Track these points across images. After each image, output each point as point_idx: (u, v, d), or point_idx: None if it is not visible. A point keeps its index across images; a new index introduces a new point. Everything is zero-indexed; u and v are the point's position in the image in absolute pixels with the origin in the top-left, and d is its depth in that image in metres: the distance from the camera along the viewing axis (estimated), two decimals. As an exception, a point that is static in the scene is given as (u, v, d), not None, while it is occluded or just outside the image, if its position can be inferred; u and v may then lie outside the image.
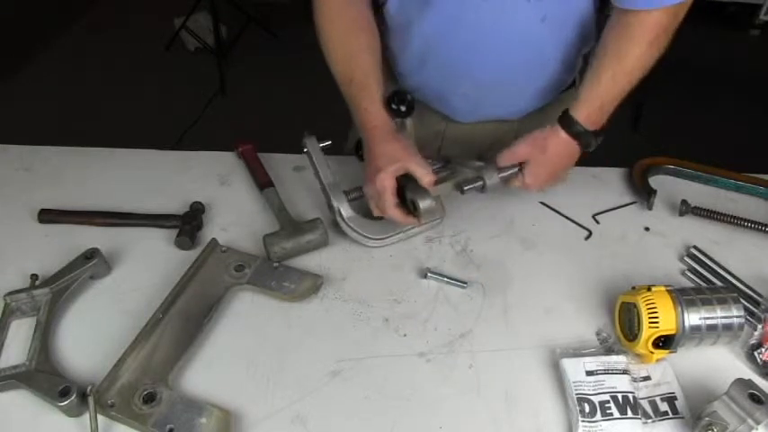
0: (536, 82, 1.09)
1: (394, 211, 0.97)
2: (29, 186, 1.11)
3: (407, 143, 0.99)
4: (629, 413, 0.78)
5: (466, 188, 1.00)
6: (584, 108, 0.96)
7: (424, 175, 0.95)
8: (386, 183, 0.95)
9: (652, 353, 0.83)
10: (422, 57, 1.07)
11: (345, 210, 1.02)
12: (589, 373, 0.82)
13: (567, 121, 0.97)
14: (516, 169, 1.01)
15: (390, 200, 0.96)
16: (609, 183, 1.18)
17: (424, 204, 0.96)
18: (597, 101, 0.95)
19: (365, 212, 1.03)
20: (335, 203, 1.02)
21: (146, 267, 0.97)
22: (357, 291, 0.96)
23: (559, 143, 0.98)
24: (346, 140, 1.28)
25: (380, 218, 1.02)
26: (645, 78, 0.95)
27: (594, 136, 0.97)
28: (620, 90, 0.94)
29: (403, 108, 1.03)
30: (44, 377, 0.79)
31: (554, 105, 1.12)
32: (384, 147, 0.97)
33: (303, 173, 1.16)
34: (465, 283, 0.97)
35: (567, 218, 1.10)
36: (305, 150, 1.07)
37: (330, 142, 1.09)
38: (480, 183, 1.00)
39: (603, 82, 0.94)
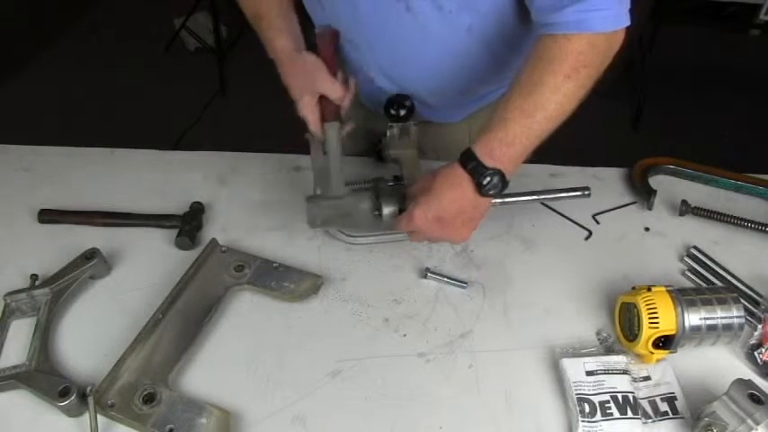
0: (472, 93, 1.09)
1: (318, 130, 0.98)
2: (29, 186, 1.11)
3: (312, 61, 0.96)
4: (629, 413, 0.78)
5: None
6: (485, 138, 0.84)
7: (333, 91, 0.95)
8: (305, 113, 0.97)
9: (652, 353, 0.83)
10: (355, 64, 1.07)
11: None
12: (589, 373, 0.82)
13: (464, 155, 0.86)
14: None
15: (316, 129, 0.97)
16: (609, 183, 1.18)
17: (386, 210, 0.92)
18: (500, 132, 0.83)
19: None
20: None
21: (146, 267, 0.98)
22: (357, 291, 0.96)
23: (449, 175, 0.86)
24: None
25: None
26: (644, 78, 0.93)
27: (495, 174, 0.83)
28: (532, 125, 0.82)
29: (402, 112, 1.02)
30: (44, 377, 0.79)
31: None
32: (291, 72, 0.98)
33: (303, 173, 1.16)
34: (465, 283, 0.97)
35: (567, 218, 1.10)
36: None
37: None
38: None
39: (510, 112, 0.83)
